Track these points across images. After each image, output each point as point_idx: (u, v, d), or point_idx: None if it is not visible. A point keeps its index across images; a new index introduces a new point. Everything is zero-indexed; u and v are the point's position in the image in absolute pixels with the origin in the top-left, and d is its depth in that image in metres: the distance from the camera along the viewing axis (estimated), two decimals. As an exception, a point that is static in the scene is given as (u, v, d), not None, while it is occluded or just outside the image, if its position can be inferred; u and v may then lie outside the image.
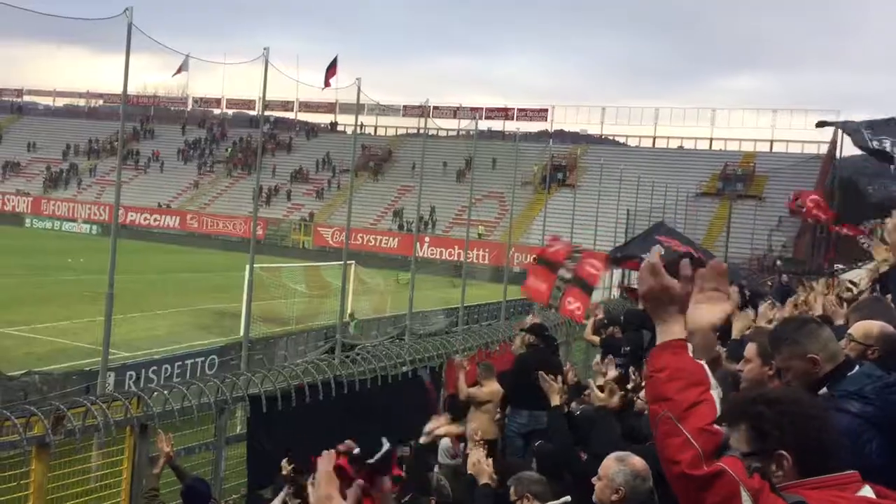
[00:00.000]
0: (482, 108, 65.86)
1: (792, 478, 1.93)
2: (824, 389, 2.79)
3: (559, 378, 5.74)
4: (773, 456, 1.95)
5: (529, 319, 11.29)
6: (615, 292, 26.17)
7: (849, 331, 3.69)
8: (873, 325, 3.62)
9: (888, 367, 3.14)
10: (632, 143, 63.52)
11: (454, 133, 63.04)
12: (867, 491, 1.94)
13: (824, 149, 54.42)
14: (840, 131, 47.20)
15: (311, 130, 69.35)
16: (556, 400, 5.08)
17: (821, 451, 1.96)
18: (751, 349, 3.62)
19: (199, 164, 66.12)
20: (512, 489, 4.44)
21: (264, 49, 15.94)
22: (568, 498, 4.37)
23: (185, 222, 57.73)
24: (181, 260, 41.75)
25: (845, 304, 6.43)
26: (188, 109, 76.11)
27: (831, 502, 1.86)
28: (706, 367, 2.05)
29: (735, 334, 5.71)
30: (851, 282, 10.60)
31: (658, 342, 2.03)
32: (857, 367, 2.89)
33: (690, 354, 2.03)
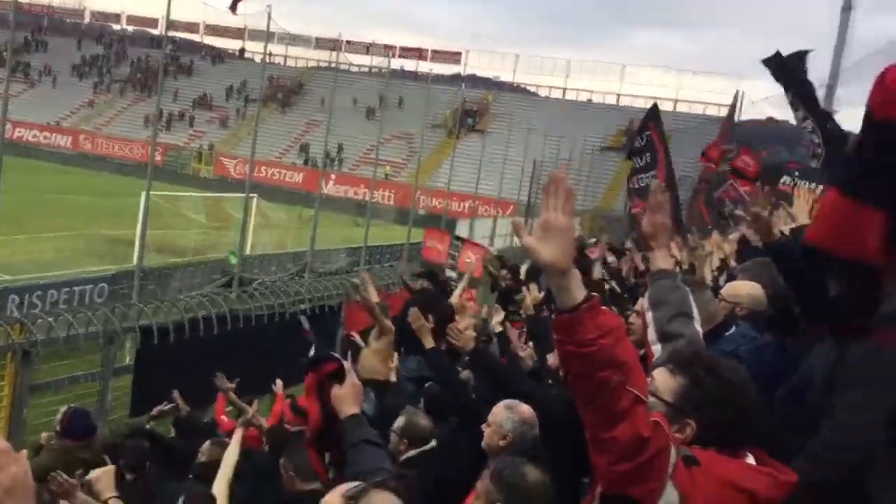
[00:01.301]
0: (396, 47, 64.92)
1: (685, 442, 2.01)
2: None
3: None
4: (682, 418, 2.04)
5: (404, 265, 11.33)
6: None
7: (721, 291, 3.87)
8: (742, 285, 3.82)
9: (757, 325, 3.33)
10: (542, 92, 64.03)
11: (366, 70, 61.99)
12: (750, 459, 2.05)
13: (724, 112, 56.29)
14: (741, 94, 48.76)
15: (218, 56, 66.76)
16: (428, 341, 5.13)
17: (729, 431, 2.04)
18: None
19: (95, 82, 62.87)
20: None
21: (170, -34, 15.22)
22: (433, 443, 4.52)
23: (77, 142, 55.04)
24: (72, 181, 39.88)
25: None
26: (85, 23, 72.00)
27: (716, 462, 1.95)
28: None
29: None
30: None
31: (579, 301, 1.82)
32: (733, 328, 3.04)
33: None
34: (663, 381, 2.10)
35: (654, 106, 15.28)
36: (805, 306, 3.47)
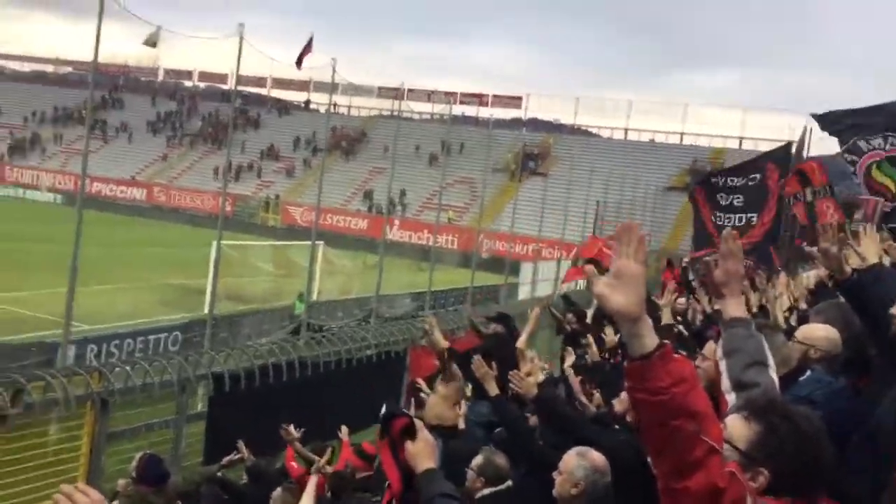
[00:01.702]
0: (457, 93, 65.69)
1: (758, 491, 1.98)
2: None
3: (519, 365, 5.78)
4: (755, 466, 2.00)
5: (470, 308, 11.34)
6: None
7: (795, 333, 3.79)
8: (817, 328, 3.74)
9: (832, 369, 3.25)
10: (604, 134, 63.87)
11: (428, 117, 62.88)
12: None
13: (793, 148, 55.13)
14: (809, 130, 47.86)
15: (284, 108, 68.67)
16: (492, 388, 5.14)
17: (802, 480, 2.01)
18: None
19: (168, 136, 65.24)
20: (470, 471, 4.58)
21: (239, 24, 15.87)
22: (509, 483, 4.52)
23: (152, 195, 56.98)
24: (147, 233, 41.23)
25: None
26: (159, 80, 74.96)
27: None
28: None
29: None
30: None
31: (651, 348, 1.81)
32: (808, 373, 2.98)
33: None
34: (737, 428, 2.07)
35: (787, 145, 15.16)
36: (881, 345, 3.38)
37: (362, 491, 5.61)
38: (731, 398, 2.46)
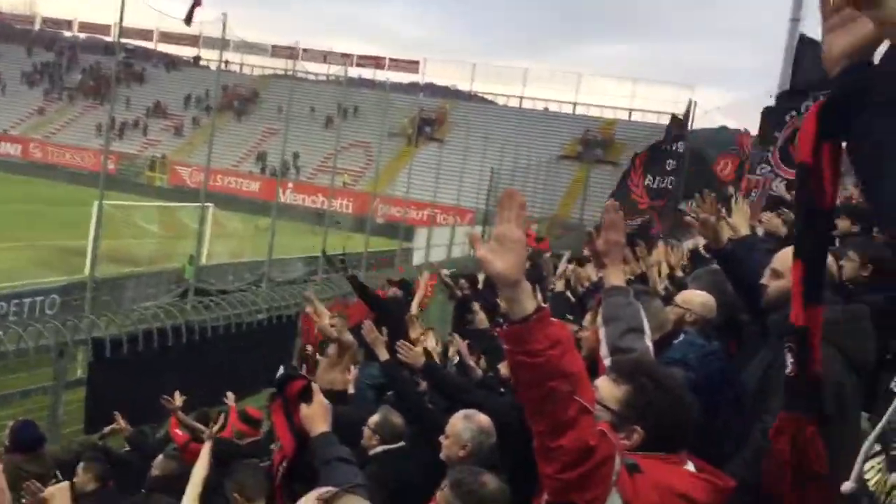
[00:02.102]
0: (353, 55, 64.81)
1: (632, 448, 2.08)
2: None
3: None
4: (628, 425, 2.10)
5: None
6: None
7: (675, 298, 3.96)
8: (695, 293, 3.92)
9: (706, 333, 3.41)
10: (500, 101, 64.42)
11: (324, 78, 61.78)
12: (690, 466, 2.13)
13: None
14: (693, 103, 49.75)
15: (172, 63, 65.97)
16: (382, 354, 5.20)
17: (671, 436, 2.12)
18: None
19: (45, 89, 61.69)
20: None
21: (123, -27, 15.03)
22: (403, 443, 4.64)
23: (27, 151, 53.91)
24: (22, 190, 39.04)
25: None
26: (35, 30, 70.63)
27: (658, 469, 2.02)
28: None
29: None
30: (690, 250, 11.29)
31: (530, 312, 1.87)
32: (681, 336, 3.11)
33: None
34: (608, 389, 2.16)
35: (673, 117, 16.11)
36: (753, 312, 3.56)
37: (250, 457, 5.55)
38: (608, 363, 2.55)
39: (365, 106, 52.63)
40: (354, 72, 59.07)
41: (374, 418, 4.82)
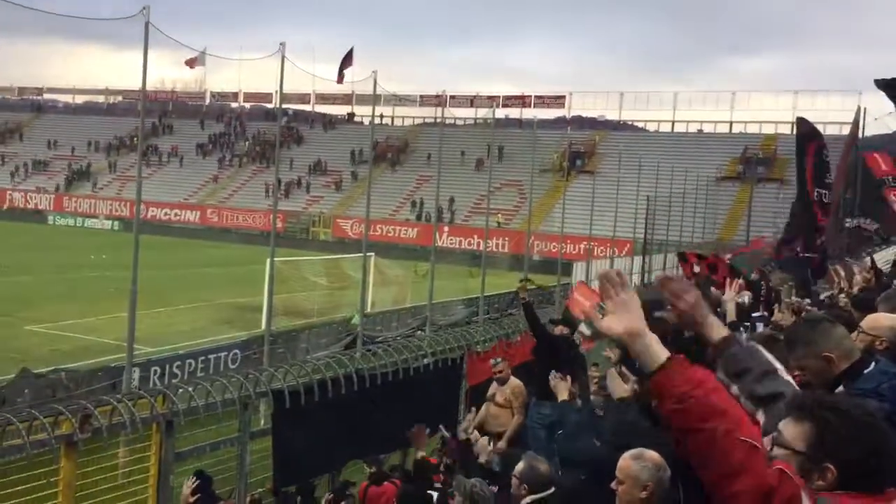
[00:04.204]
0: (499, 97, 65.68)
1: (829, 489, 1.94)
2: (840, 388, 2.79)
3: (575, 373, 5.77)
4: (820, 464, 1.96)
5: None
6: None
7: (860, 323, 3.69)
8: (883, 317, 3.62)
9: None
10: (650, 128, 63.18)
11: (471, 122, 62.94)
12: None
13: (846, 129, 53.78)
14: (864, 111, 46.58)
15: (329, 122, 69.48)
16: (563, 395, 5.14)
17: (869, 470, 1.96)
18: None
19: (217, 158, 66.52)
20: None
21: (280, 44, 16.06)
22: (552, 489, 4.56)
23: (205, 216, 58.11)
24: (202, 254, 42.06)
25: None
26: (206, 104, 76.51)
27: None
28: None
29: None
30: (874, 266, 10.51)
31: (665, 358, 1.94)
32: (872, 365, 2.89)
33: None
34: (790, 430, 2.03)
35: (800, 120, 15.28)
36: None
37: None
38: (759, 417, 2.41)
39: (514, 145, 53.07)
40: (501, 113, 59.87)
41: (520, 467, 4.73)
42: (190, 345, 19.08)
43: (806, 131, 14.98)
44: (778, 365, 2.55)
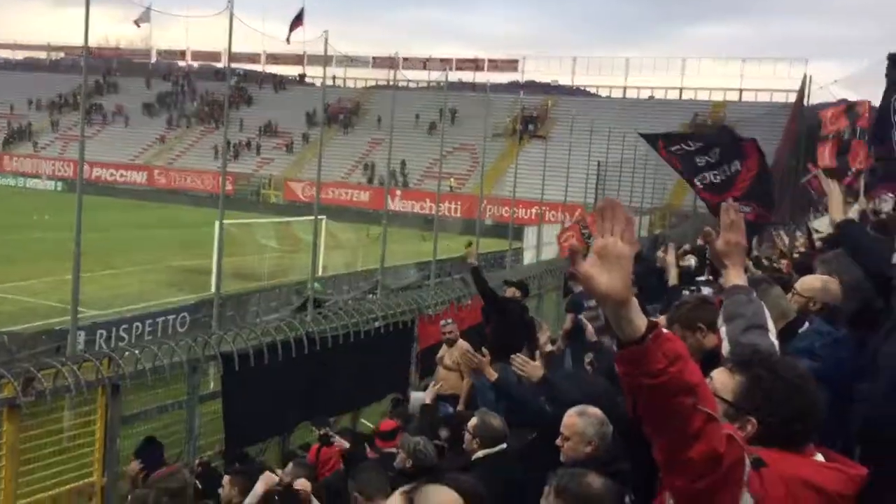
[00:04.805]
0: (452, 60, 65.30)
1: (747, 440, 2.01)
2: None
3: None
4: (743, 417, 2.04)
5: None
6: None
7: (795, 285, 3.80)
8: (816, 279, 3.74)
9: (832, 321, 3.25)
10: (602, 93, 63.45)
11: (424, 85, 62.48)
12: (819, 457, 2.05)
13: (793, 97, 54.79)
14: (809, 77, 47.25)
15: (279, 83, 68.31)
16: (490, 374, 5.21)
17: (793, 429, 2.04)
18: None
19: (165, 118, 65.05)
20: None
21: (228, 1, 15.65)
22: (504, 445, 4.69)
23: (152, 178, 56.97)
24: (149, 216, 41.30)
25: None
26: (152, 62, 74.58)
27: (784, 461, 1.95)
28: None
29: None
30: (817, 230, 10.78)
31: (643, 331, 1.74)
32: (807, 324, 2.98)
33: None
34: (723, 380, 2.11)
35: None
36: (883, 292, 3.37)
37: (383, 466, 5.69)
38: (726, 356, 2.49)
39: (467, 109, 52.90)
40: (454, 76, 59.50)
41: (473, 422, 4.82)
42: (137, 308, 18.81)
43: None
44: (771, 326, 2.63)
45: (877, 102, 9.21)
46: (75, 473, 7.44)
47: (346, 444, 6.86)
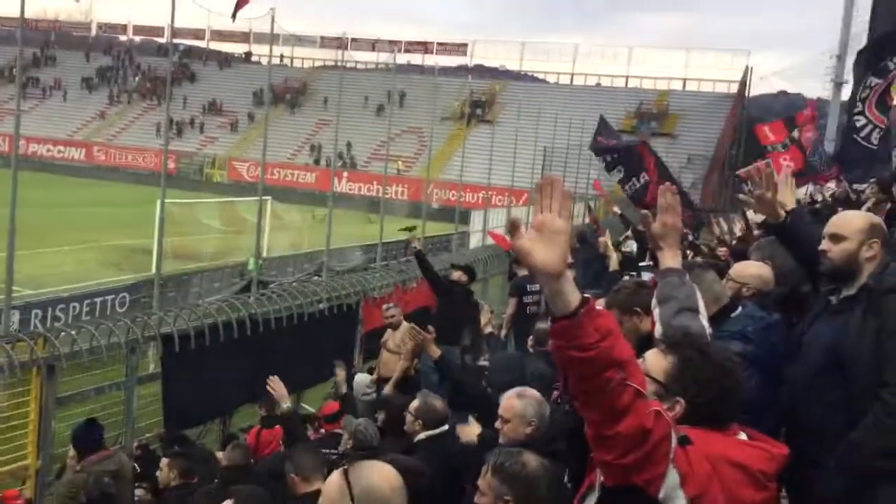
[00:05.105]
0: (401, 42, 64.89)
1: (675, 420, 2.05)
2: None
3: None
4: (672, 397, 2.10)
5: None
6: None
7: (729, 271, 3.90)
8: (750, 265, 3.85)
9: (764, 305, 3.35)
10: (550, 79, 63.79)
11: (373, 66, 62.01)
12: (742, 436, 2.12)
13: (735, 88, 55.93)
14: (750, 69, 48.22)
15: (224, 60, 67.01)
16: (433, 352, 5.26)
17: (717, 411, 2.10)
18: None
19: (105, 93, 63.33)
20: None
21: (172, -25, 15.27)
22: (446, 427, 4.75)
23: (91, 154, 55.48)
24: (88, 193, 40.24)
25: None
26: (92, 35, 72.47)
27: (709, 440, 2.01)
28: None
29: None
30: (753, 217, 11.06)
31: (576, 305, 1.79)
32: (739, 309, 3.07)
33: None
34: (655, 361, 2.16)
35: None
36: (816, 280, 3.49)
37: (326, 447, 5.68)
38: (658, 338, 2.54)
39: (415, 91, 52.68)
40: (403, 58, 59.27)
41: (415, 404, 4.84)
42: (74, 287, 18.34)
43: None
44: (702, 309, 2.68)
45: (813, 95, 9.45)
46: (9, 456, 7.27)
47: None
